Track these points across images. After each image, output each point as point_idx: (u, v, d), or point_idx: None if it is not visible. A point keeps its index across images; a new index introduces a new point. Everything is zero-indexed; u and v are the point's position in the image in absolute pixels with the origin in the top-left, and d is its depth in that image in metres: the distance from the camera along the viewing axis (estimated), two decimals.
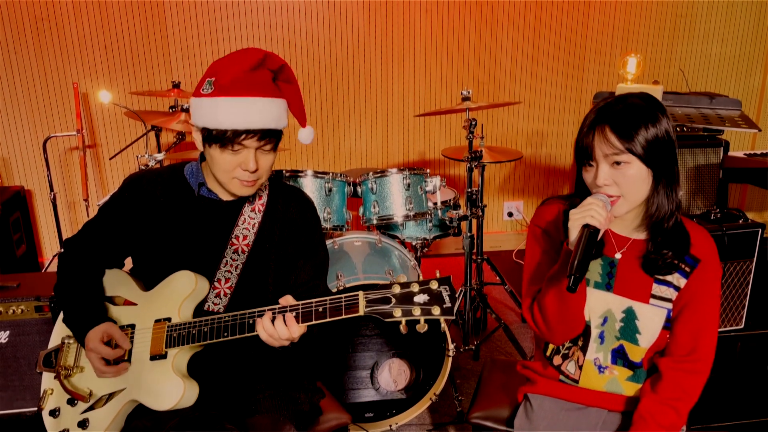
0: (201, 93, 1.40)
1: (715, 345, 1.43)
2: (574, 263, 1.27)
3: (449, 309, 1.21)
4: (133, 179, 1.57)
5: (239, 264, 1.52)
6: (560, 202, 1.54)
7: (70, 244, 1.62)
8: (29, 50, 3.45)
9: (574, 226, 1.32)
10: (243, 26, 3.58)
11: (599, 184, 1.36)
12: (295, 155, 3.88)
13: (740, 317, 3.06)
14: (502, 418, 1.65)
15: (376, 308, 1.25)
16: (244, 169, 1.41)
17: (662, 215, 1.40)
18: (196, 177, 1.55)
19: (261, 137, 1.40)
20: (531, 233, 1.57)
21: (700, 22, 3.98)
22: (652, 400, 1.41)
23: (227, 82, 1.37)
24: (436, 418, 2.48)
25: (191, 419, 1.39)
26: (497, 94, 3.96)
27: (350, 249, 2.51)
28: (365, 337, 2.32)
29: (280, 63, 1.43)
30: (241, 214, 1.55)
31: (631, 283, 1.46)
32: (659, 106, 1.37)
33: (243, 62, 1.39)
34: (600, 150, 1.34)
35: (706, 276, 1.43)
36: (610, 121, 1.33)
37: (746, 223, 2.95)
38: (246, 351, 1.53)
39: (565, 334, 1.47)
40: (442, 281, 1.23)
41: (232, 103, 1.36)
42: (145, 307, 1.52)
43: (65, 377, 1.54)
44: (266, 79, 1.41)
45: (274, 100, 1.41)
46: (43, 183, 3.65)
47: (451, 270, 3.88)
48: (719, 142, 3.20)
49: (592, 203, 1.32)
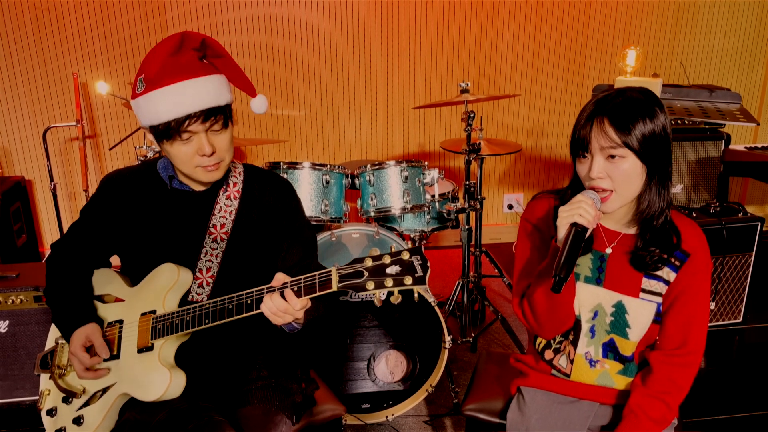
0: (136, 93, 1.39)
1: (705, 338, 1.44)
2: (559, 263, 1.27)
3: (421, 278, 1.21)
4: (109, 178, 1.58)
5: (219, 252, 1.52)
6: (551, 197, 1.54)
7: (56, 248, 1.63)
8: (29, 40, 3.45)
9: (562, 224, 1.32)
10: (243, 16, 3.57)
11: (593, 176, 1.36)
12: (295, 147, 3.88)
13: (738, 311, 3.06)
14: (496, 411, 1.65)
15: (349, 283, 1.24)
16: (201, 154, 1.40)
17: (652, 212, 1.40)
18: (167, 170, 1.54)
19: (205, 118, 1.37)
20: (522, 228, 1.57)
21: (702, 16, 3.95)
22: (642, 393, 1.42)
23: (154, 74, 1.35)
24: (433, 410, 2.49)
25: (180, 411, 1.39)
26: (498, 87, 3.95)
27: (348, 241, 2.52)
28: (363, 328, 2.33)
29: (200, 38, 1.39)
30: (217, 202, 1.54)
31: (621, 278, 1.46)
32: (657, 101, 1.36)
33: (163, 50, 1.36)
34: (596, 142, 1.34)
35: (695, 269, 1.42)
36: (608, 113, 1.33)
37: (745, 216, 2.95)
38: (236, 341, 1.54)
39: (554, 328, 1.47)
40: (414, 251, 1.22)
41: (164, 93, 1.34)
42: (132, 302, 1.53)
43: (59, 376, 1.56)
44: (191, 59, 1.38)
45: (206, 78, 1.38)
46: (44, 173, 3.66)
47: (449, 262, 3.88)
48: (720, 135, 3.19)
49: (581, 201, 1.32)
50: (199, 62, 1.39)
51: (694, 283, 1.42)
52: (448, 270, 3.78)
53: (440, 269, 3.79)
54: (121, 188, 1.55)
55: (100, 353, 1.48)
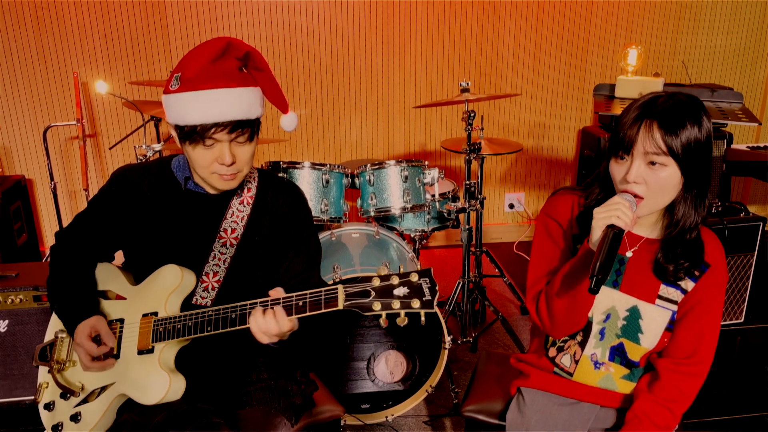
0: (169, 89, 1.37)
1: (714, 349, 1.42)
2: (596, 265, 1.22)
3: (429, 302, 1.19)
4: (121, 173, 1.56)
5: (227, 257, 1.51)
6: (574, 194, 1.49)
7: (61, 236, 1.62)
8: (29, 39, 3.44)
9: (598, 225, 1.28)
10: (244, 15, 3.56)
11: (629, 180, 1.31)
12: (296, 146, 3.87)
13: (740, 311, 3.05)
14: (495, 412, 1.65)
15: (355, 302, 1.23)
16: (220, 163, 1.39)
17: (687, 225, 1.37)
18: (183, 171, 1.53)
19: (232, 129, 1.35)
20: (542, 224, 1.52)
21: (704, 14, 3.94)
22: (647, 399, 1.41)
23: (191, 75, 1.33)
24: (432, 410, 2.49)
25: (178, 413, 1.38)
26: (499, 86, 3.94)
27: (348, 241, 2.51)
28: (364, 328, 2.32)
29: (246, 49, 1.37)
30: (230, 207, 1.53)
31: (638, 282, 1.44)
32: (704, 108, 1.32)
33: (206, 53, 1.34)
34: (642, 145, 1.29)
35: (714, 281, 1.41)
36: (658, 117, 1.28)
37: (747, 216, 2.93)
38: (236, 343, 1.53)
39: (567, 329, 1.45)
40: (423, 273, 1.21)
41: (197, 97, 1.32)
42: (134, 302, 1.52)
43: (58, 371, 1.55)
44: (231, 68, 1.36)
45: (242, 90, 1.36)
46: (44, 172, 3.65)
47: (450, 262, 3.87)
48: (722, 134, 3.18)
49: (619, 203, 1.28)
50: (238, 72, 1.37)
51: (711, 295, 1.41)
52: (448, 270, 3.78)
53: (440, 269, 3.78)
54: (132, 183, 1.54)
55: (107, 342, 1.46)
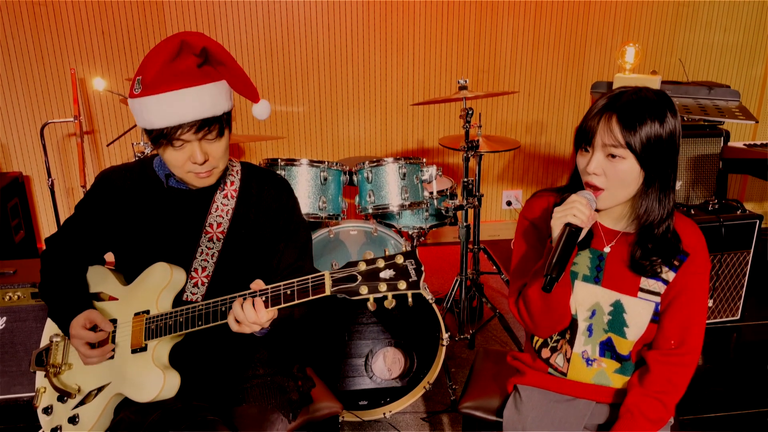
0: (133, 94, 1.36)
1: (702, 338, 1.43)
2: (551, 263, 1.26)
3: (415, 282, 1.20)
4: (104, 175, 1.56)
5: (215, 252, 1.51)
6: (551, 195, 1.53)
7: (51, 242, 1.62)
8: (27, 36, 3.43)
9: (556, 224, 1.32)
10: (241, 12, 3.56)
11: (589, 171, 1.35)
12: (293, 144, 3.87)
13: (737, 308, 3.06)
14: (492, 409, 1.65)
15: (342, 287, 1.23)
16: (193, 162, 1.38)
17: (651, 219, 1.38)
18: (164, 169, 1.52)
19: (198, 129, 1.33)
20: (520, 225, 1.56)
21: (702, 12, 3.94)
22: (639, 393, 1.42)
23: (150, 78, 1.30)
24: (430, 407, 2.49)
25: (174, 411, 1.39)
26: (497, 83, 3.94)
27: (346, 238, 2.51)
28: (361, 325, 2.32)
29: (203, 45, 1.32)
30: (214, 201, 1.53)
31: (619, 277, 1.45)
32: (671, 106, 1.33)
33: (161, 55, 1.30)
34: (600, 138, 1.32)
35: (694, 270, 1.42)
36: (618, 110, 1.31)
37: (744, 214, 2.95)
38: (232, 340, 1.53)
39: (549, 328, 1.47)
40: (408, 255, 1.21)
41: (158, 101, 1.30)
42: (126, 302, 1.52)
43: (54, 375, 1.56)
44: (190, 66, 1.32)
45: (203, 87, 1.33)
46: (41, 169, 3.65)
47: (448, 259, 3.88)
48: (719, 132, 3.18)
49: (575, 201, 1.31)
50: (198, 70, 1.34)
51: (693, 283, 1.42)
52: (446, 267, 3.78)
53: (438, 266, 3.79)
54: (116, 185, 1.54)
55: (103, 327, 1.47)
